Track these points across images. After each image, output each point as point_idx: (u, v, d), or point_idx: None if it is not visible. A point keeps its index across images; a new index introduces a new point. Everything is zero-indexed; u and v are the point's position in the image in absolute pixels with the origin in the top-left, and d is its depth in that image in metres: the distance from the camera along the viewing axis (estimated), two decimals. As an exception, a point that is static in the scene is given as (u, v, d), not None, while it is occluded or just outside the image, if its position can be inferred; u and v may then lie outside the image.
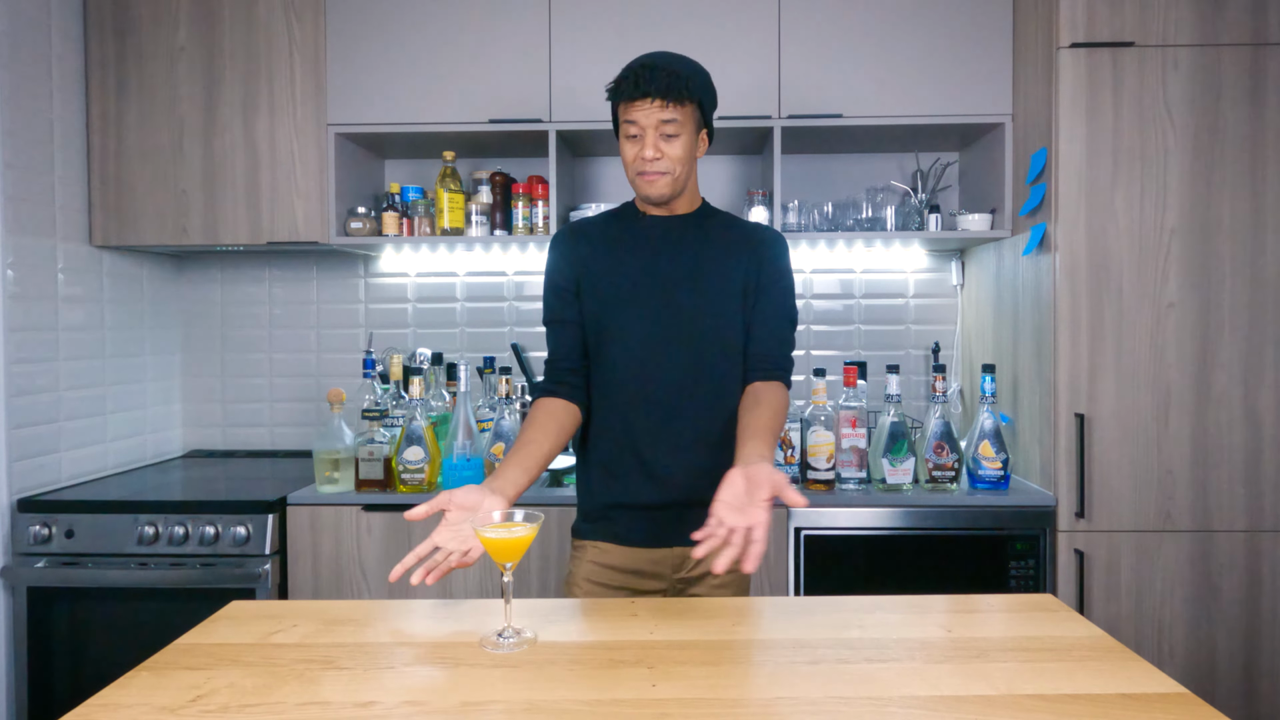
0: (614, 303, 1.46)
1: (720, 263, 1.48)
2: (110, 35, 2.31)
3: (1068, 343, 1.99)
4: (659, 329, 1.45)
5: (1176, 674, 1.98)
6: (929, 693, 0.95)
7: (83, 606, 2.02)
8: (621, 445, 1.47)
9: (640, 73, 1.38)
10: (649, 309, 1.45)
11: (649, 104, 1.38)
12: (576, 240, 1.52)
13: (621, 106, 1.41)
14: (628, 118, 1.40)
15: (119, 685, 0.98)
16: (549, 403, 1.46)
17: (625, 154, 1.44)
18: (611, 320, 1.46)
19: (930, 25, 2.24)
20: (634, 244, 1.49)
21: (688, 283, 1.46)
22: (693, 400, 1.45)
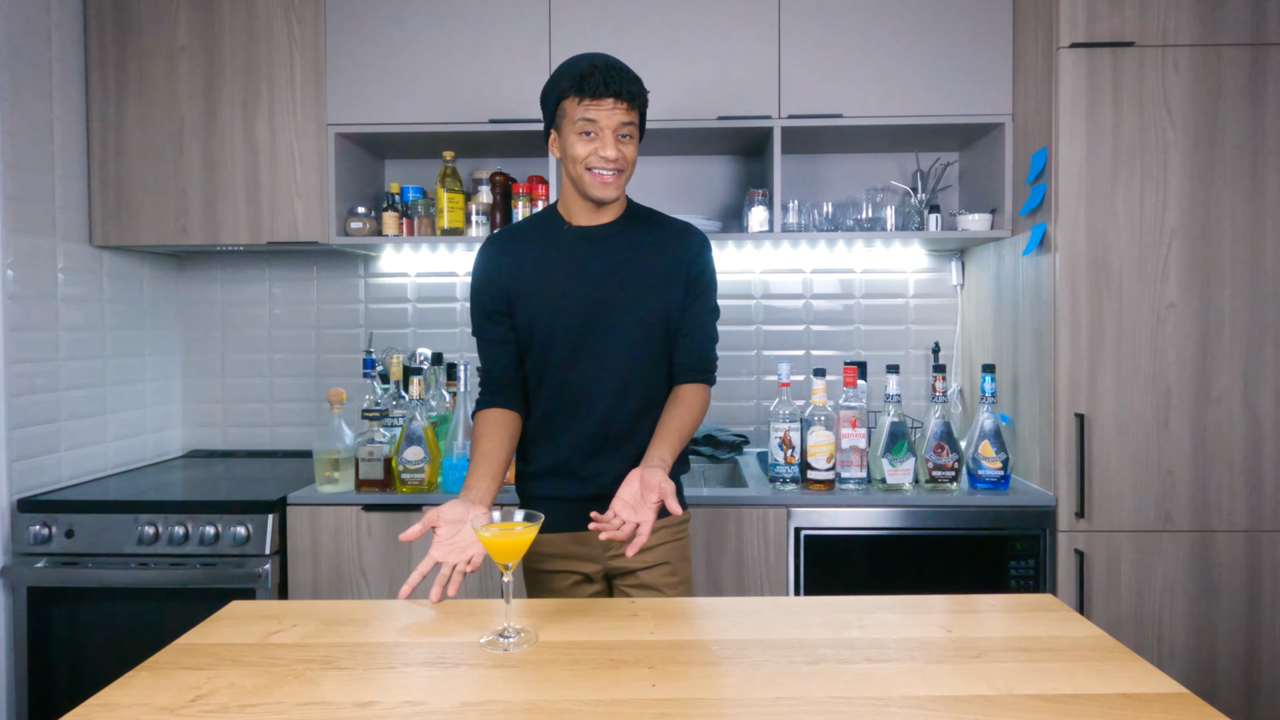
0: (543, 320, 1.48)
1: (651, 268, 1.50)
2: (110, 35, 2.31)
3: (1068, 343, 1.99)
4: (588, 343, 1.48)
5: (1176, 674, 1.98)
6: (929, 693, 0.95)
7: (83, 606, 2.02)
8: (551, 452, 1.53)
9: (606, 73, 1.39)
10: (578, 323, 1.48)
11: (612, 104, 1.39)
12: (501, 255, 1.52)
13: (576, 102, 1.40)
14: (586, 115, 1.40)
15: (119, 685, 0.98)
16: (492, 413, 1.52)
17: (576, 150, 1.42)
18: (541, 336, 1.49)
19: (930, 25, 2.24)
20: (561, 258, 1.50)
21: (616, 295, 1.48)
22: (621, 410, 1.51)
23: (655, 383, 1.53)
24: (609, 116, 1.40)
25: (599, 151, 1.41)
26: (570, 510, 1.51)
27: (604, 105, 1.39)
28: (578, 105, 1.40)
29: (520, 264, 1.51)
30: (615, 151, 1.41)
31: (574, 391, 1.50)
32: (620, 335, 1.48)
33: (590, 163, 1.42)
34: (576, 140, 1.42)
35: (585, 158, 1.42)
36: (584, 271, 1.49)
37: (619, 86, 1.39)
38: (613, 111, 1.40)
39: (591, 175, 1.43)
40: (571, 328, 1.48)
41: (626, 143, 1.43)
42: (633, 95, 1.41)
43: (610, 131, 1.40)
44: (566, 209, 1.53)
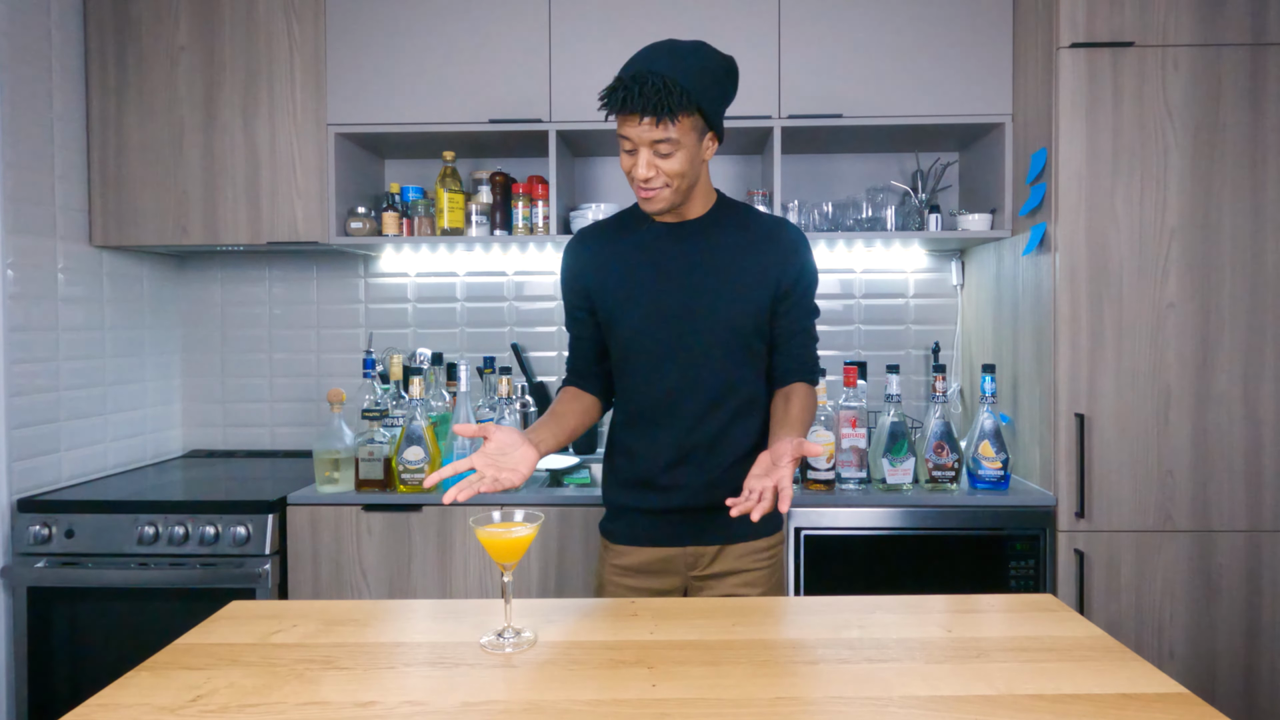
0: (624, 322, 1.44)
1: (740, 268, 1.42)
2: (110, 35, 2.31)
3: (1068, 343, 1.99)
4: (673, 347, 1.42)
5: (1176, 674, 1.98)
6: (929, 693, 0.95)
7: (83, 606, 2.02)
8: (633, 457, 1.49)
9: (630, 86, 1.26)
10: (661, 327, 1.42)
11: (638, 121, 1.28)
12: (582, 253, 1.50)
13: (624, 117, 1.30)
14: (621, 132, 1.32)
15: (119, 685, 0.98)
16: (570, 389, 1.54)
17: (622, 164, 1.36)
18: (623, 340, 1.45)
19: (930, 25, 2.24)
20: (643, 257, 1.44)
21: (702, 298, 1.41)
22: (709, 419, 1.44)
23: (745, 389, 1.45)
24: (640, 133, 1.29)
25: (633, 170, 1.33)
26: (653, 524, 1.48)
27: (630, 122, 1.29)
28: (624, 121, 1.30)
29: (602, 263, 1.46)
30: (647, 170, 1.31)
31: (659, 398, 1.44)
32: (708, 340, 1.41)
33: (632, 178, 1.35)
34: (621, 154, 1.35)
35: (628, 172, 1.35)
36: (667, 272, 1.42)
37: (642, 103, 1.25)
38: (642, 129, 1.28)
39: (637, 189, 1.36)
40: (655, 332, 1.42)
41: (666, 159, 1.31)
42: (661, 109, 1.25)
43: (646, 149, 1.30)
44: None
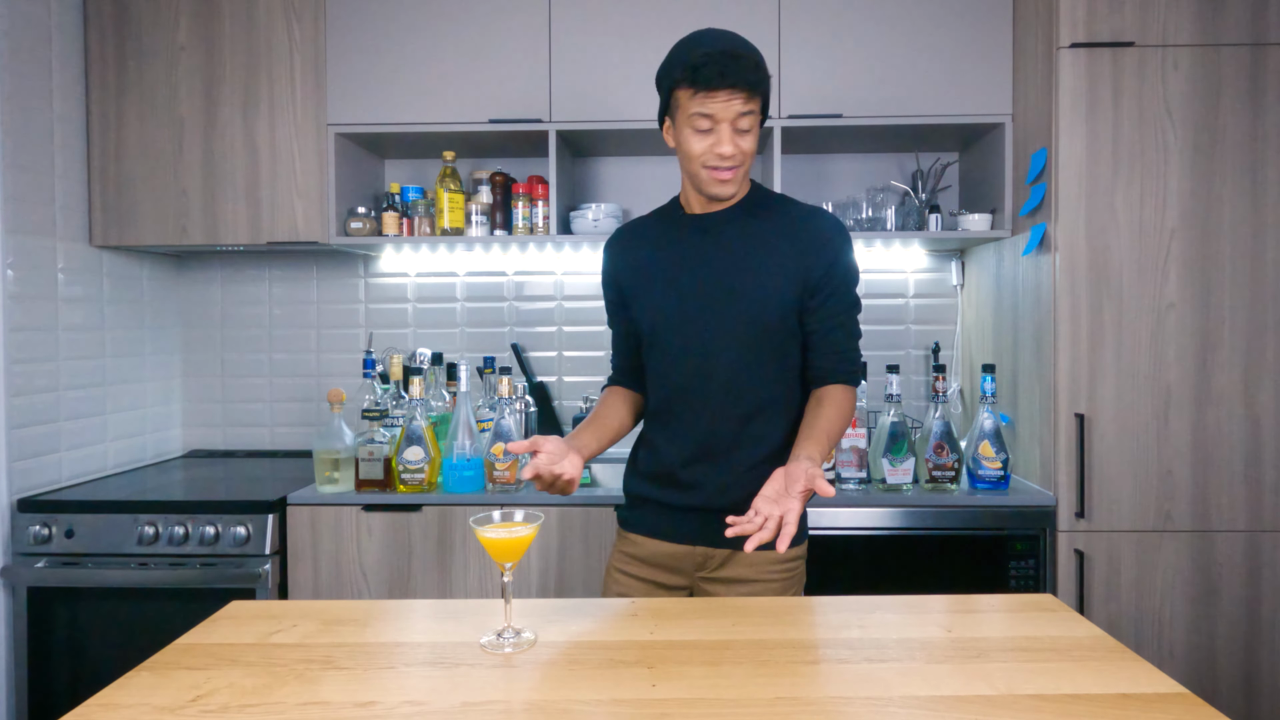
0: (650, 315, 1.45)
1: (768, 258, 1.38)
2: (110, 35, 2.31)
3: (1068, 343, 1.99)
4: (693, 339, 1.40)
5: (1176, 674, 1.98)
6: (929, 693, 0.95)
7: (83, 606, 2.02)
8: (654, 450, 1.49)
9: (724, 61, 1.24)
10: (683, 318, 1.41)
11: (730, 95, 1.25)
12: (619, 251, 1.52)
13: (691, 94, 1.27)
14: (703, 110, 1.27)
15: (119, 685, 0.98)
16: (613, 389, 1.58)
17: (691, 146, 1.31)
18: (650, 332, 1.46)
19: (930, 25, 2.24)
20: (674, 251, 1.44)
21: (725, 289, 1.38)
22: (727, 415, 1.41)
23: (769, 387, 1.40)
24: (725, 108, 1.26)
25: (715, 148, 1.29)
26: (668, 518, 1.47)
27: (719, 97, 1.25)
28: (692, 98, 1.27)
29: (636, 259, 1.48)
30: (732, 147, 1.28)
31: (680, 392, 1.43)
32: (725, 334, 1.37)
33: (706, 160, 1.31)
34: (691, 136, 1.30)
35: (701, 155, 1.31)
36: (693, 264, 1.40)
37: (739, 77, 1.24)
38: (729, 103, 1.26)
39: (708, 172, 1.32)
40: (677, 323, 1.41)
41: (745, 136, 1.30)
42: (753, 84, 1.25)
43: (728, 124, 1.28)
44: (685, 199, 1.46)
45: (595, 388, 2.67)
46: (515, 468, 2.04)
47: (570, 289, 2.69)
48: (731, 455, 1.42)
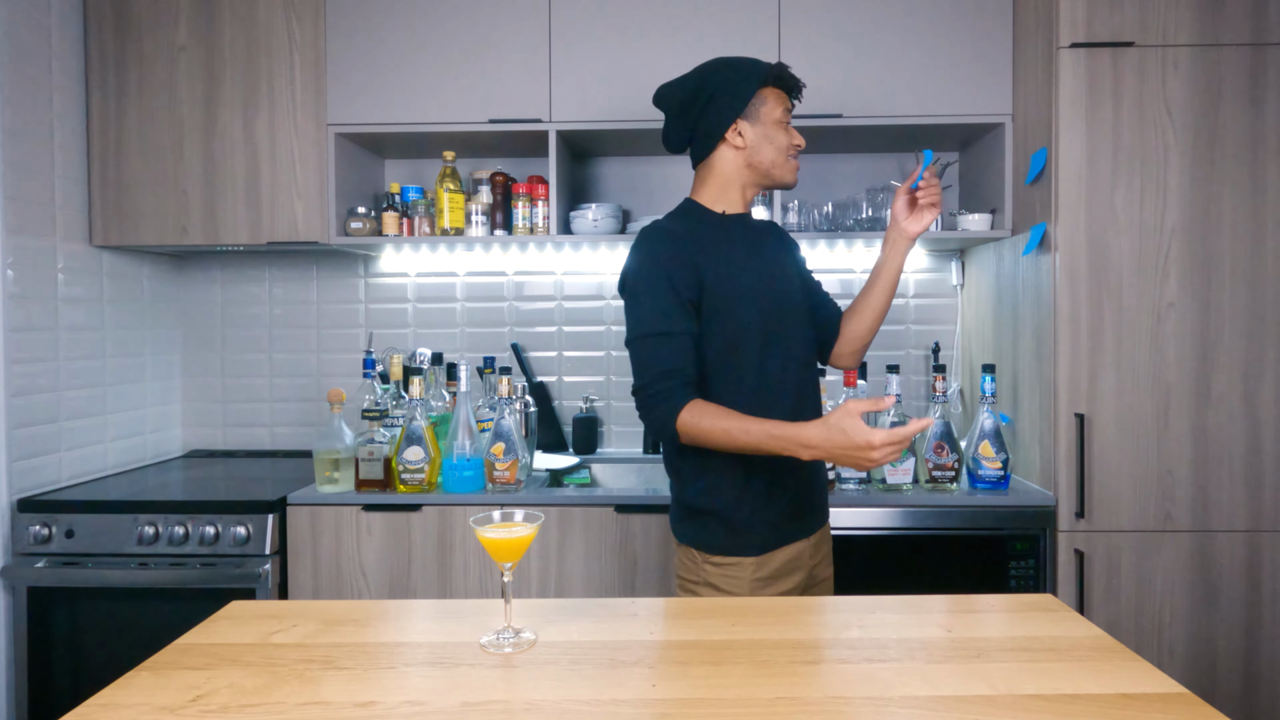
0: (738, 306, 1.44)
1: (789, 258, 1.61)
2: (110, 35, 2.31)
3: (1068, 343, 1.99)
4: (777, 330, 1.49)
5: (1176, 674, 1.98)
6: (929, 693, 0.95)
7: (83, 606, 2.02)
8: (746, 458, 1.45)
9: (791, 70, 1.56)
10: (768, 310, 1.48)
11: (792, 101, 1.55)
12: (683, 239, 1.44)
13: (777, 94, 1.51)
14: (787, 106, 1.53)
15: (119, 685, 0.98)
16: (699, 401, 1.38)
17: (781, 140, 1.51)
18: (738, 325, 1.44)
19: (930, 25, 2.24)
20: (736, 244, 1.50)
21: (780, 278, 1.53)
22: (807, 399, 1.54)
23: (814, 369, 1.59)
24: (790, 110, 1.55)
25: (794, 139, 1.53)
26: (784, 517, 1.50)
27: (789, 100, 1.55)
28: (780, 97, 1.52)
29: (707, 249, 1.45)
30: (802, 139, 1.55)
31: (769, 384, 1.47)
32: (798, 320, 1.54)
33: (790, 151, 1.53)
34: (779, 130, 1.51)
35: (788, 146, 1.53)
36: (760, 258, 1.52)
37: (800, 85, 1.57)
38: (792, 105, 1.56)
39: (790, 161, 1.54)
40: (764, 315, 1.46)
41: None
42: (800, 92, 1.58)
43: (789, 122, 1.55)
44: (722, 202, 1.54)
45: (595, 388, 2.67)
46: (515, 468, 2.04)
47: (570, 289, 2.69)
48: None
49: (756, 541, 1.48)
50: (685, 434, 1.38)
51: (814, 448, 1.29)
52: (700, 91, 1.50)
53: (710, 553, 1.49)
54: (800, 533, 1.53)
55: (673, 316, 1.40)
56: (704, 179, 1.55)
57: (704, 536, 1.49)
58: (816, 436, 1.29)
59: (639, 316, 1.42)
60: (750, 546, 1.48)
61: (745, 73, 1.49)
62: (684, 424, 1.37)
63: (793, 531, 1.52)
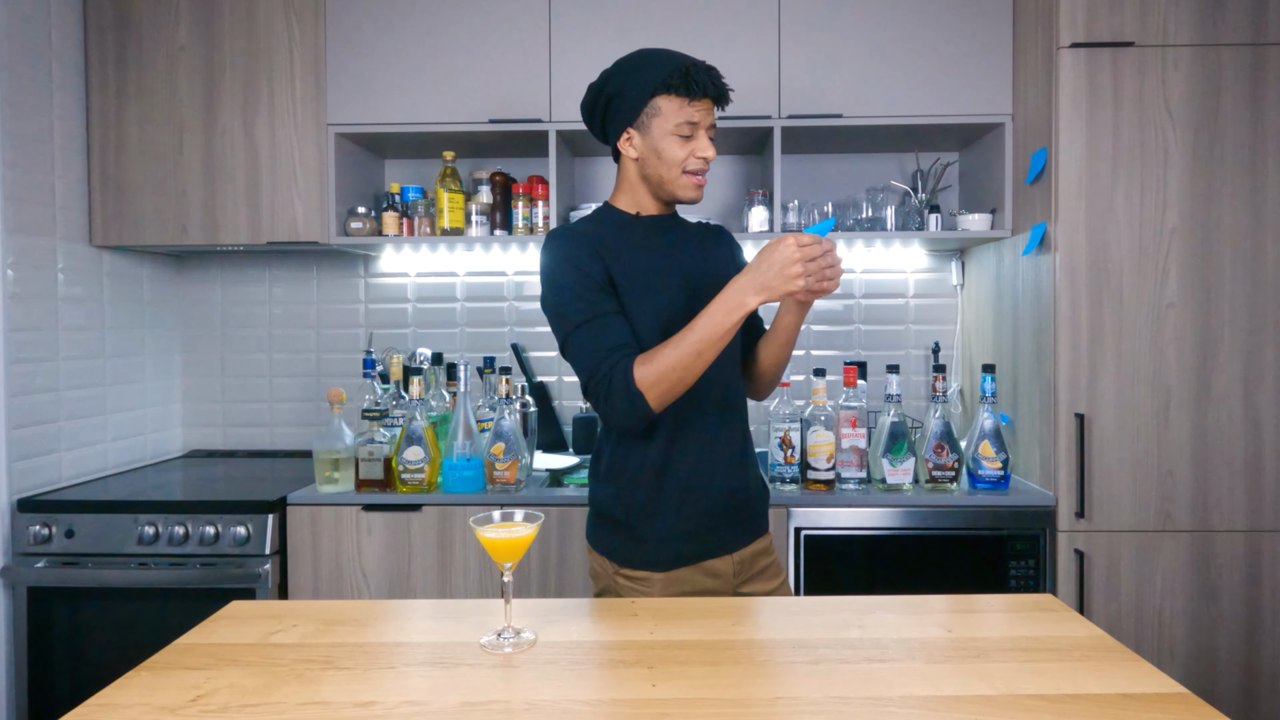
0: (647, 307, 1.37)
1: (718, 262, 1.50)
2: (110, 35, 2.31)
3: (1068, 343, 1.99)
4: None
5: (1176, 674, 1.98)
6: (929, 693, 0.95)
7: (83, 606, 2.02)
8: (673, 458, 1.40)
9: (709, 71, 1.34)
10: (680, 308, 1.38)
11: (709, 104, 1.36)
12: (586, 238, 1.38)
13: (676, 101, 1.34)
14: (688, 118, 1.34)
15: (119, 685, 0.98)
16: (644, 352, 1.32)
17: (673, 152, 1.36)
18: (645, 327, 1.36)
19: (930, 25, 2.24)
20: (648, 245, 1.42)
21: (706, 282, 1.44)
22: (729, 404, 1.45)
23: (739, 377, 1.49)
24: (705, 115, 1.36)
25: (697, 152, 1.36)
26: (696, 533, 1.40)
27: (702, 105, 1.35)
28: (679, 105, 1.34)
29: (615, 249, 1.38)
30: (713, 151, 1.37)
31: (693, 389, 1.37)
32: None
33: (689, 165, 1.37)
34: (674, 141, 1.36)
35: (684, 160, 1.36)
36: (674, 259, 1.43)
37: (719, 89, 1.35)
38: (708, 112, 1.37)
39: (688, 177, 1.38)
40: (665, 320, 1.37)
41: (711, 144, 1.40)
42: (724, 95, 1.37)
43: (704, 132, 1.37)
44: (628, 205, 1.45)
45: (595, 388, 2.67)
46: (515, 468, 2.04)
47: (570, 289, 2.68)
48: (729, 450, 1.45)
49: (667, 556, 1.39)
50: (647, 384, 1.27)
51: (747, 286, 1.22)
52: (599, 96, 1.42)
53: (619, 564, 1.42)
54: (717, 550, 1.43)
55: (593, 301, 1.33)
56: (617, 181, 1.47)
57: (614, 545, 1.42)
58: (744, 276, 1.23)
59: (563, 314, 1.34)
60: (660, 561, 1.39)
61: (641, 78, 1.35)
62: (640, 377, 1.27)
63: (708, 548, 1.42)
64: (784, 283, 1.20)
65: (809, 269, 1.20)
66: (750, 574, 1.48)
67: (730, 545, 1.44)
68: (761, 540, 1.50)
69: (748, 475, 1.48)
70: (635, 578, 1.41)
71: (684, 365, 1.26)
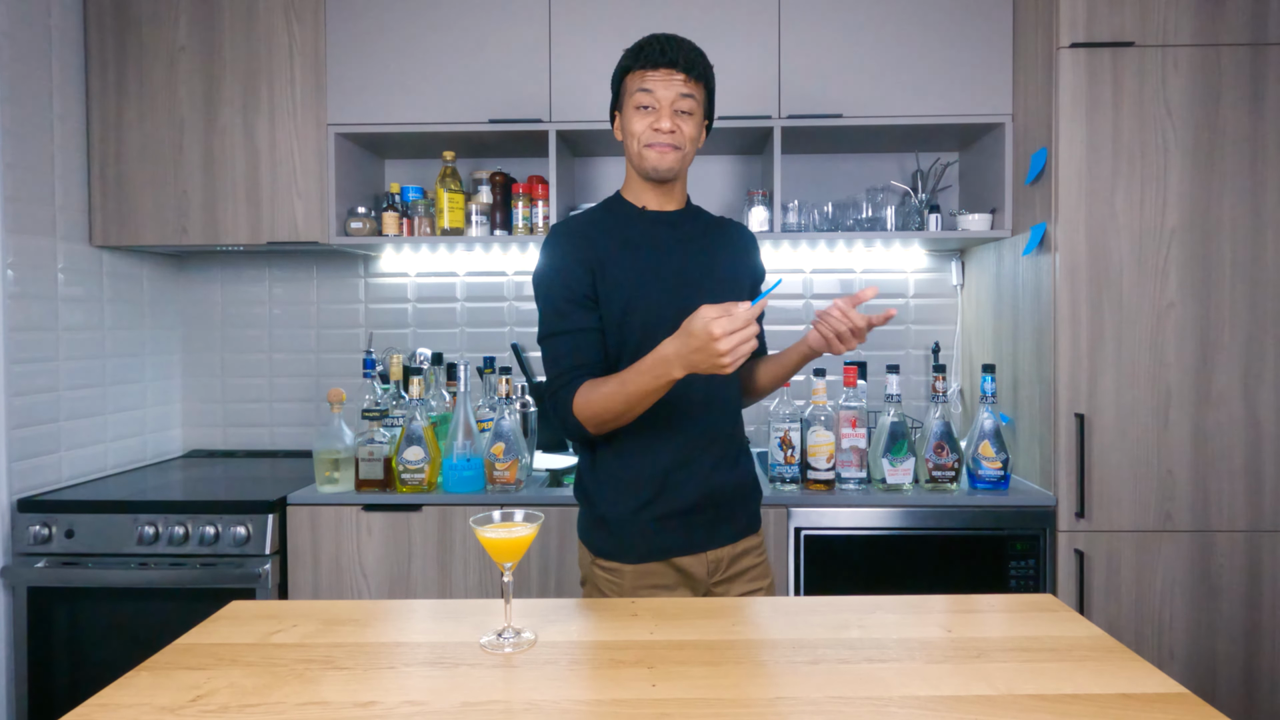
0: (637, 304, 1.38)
1: (724, 262, 1.48)
2: (110, 35, 2.31)
3: (1068, 343, 1.99)
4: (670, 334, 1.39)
5: (1176, 674, 1.98)
6: (929, 693, 0.95)
7: (83, 606, 2.02)
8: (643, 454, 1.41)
9: (665, 43, 1.34)
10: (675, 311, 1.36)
11: (670, 75, 1.34)
12: (580, 241, 1.40)
13: (635, 75, 1.36)
14: (643, 86, 1.35)
15: (119, 685, 0.98)
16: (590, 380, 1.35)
17: (633, 126, 1.37)
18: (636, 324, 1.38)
19: (930, 25, 2.24)
20: (643, 240, 1.42)
21: (704, 283, 1.42)
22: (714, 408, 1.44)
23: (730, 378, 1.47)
24: (667, 88, 1.34)
25: (653, 124, 1.36)
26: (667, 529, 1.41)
27: (660, 76, 1.34)
28: (637, 77, 1.36)
29: (602, 246, 1.40)
30: (670, 123, 1.35)
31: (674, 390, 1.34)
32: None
33: (646, 138, 1.37)
34: (633, 115, 1.37)
35: (641, 132, 1.37)
36: (669, 255, 1.42)
37: (675, 55, 1.33)
38: (669, 82, 1.34)
39: (647, 149, 1.37)
40: (669, 315, 1.35)
41: (685, 119, 1.36)
42: (690, 64, 1.34)
43: (667, 104, 1.35)
44: (635, 196, 1.46)
45: (595, 388, 2.67)
46: (515, 468, 2.04)
47: (570, 289, 2.68)
48: (711, 450, 1.44)
49: (636, 549, 1.41)
50: (584, 417, 1.33)
51: (674, 359, 1.20)
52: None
53: (594, 554, 1.46)
54: (690, 548, 1.43)
55: (567, 314, 1.38)
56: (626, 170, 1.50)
57: (592, 535, 1.46)
58: (671, 347, 1.20)
59: (542, 318, 1.41)
60: (629, 553, 1.41)
61: (619, 64, 1.40)
62: (579, 408, 1.33)
63: (680, 545, 1.42)
64: (710, 365, 1.16)
65: (737, 351, 1.14)
66: (727, 575, 1.47)
67: (703, 544, 1.44)
68: (745, 541, 1.50)
69: (731, 476, 1.47)
70: (608, 568, 1.44)
71: (617, 411, 1.30)
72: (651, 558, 1.42)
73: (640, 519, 1.41)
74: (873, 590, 2.00)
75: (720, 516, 1.46)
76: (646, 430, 1.40)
